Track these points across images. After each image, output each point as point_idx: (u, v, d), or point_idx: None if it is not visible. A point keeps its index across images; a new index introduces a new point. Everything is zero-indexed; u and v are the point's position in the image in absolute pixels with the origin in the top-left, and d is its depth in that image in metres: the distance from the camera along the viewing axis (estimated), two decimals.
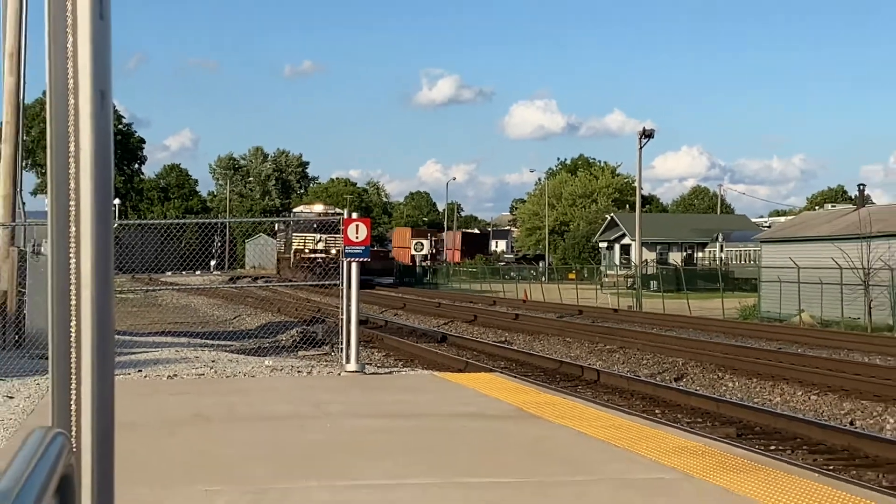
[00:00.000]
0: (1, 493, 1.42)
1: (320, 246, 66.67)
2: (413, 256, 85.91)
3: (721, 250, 77.06)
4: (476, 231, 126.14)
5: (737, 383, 18.19)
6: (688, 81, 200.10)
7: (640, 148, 55.34)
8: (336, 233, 49.41)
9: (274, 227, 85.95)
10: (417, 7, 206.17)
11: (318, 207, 79.07)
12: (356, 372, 14.47)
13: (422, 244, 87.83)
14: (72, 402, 2.13)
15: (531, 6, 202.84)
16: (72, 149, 2.14)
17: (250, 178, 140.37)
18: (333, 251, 58.15)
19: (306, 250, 69.77)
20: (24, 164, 20.93)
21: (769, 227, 69.26)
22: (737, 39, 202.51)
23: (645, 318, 37.07)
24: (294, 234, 71.52)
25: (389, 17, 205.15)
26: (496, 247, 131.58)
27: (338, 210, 67.93)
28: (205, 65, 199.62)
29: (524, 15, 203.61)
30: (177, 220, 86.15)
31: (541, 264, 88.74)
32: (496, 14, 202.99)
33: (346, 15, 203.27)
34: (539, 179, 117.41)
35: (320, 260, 64.47)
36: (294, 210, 72.26)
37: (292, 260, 71.57)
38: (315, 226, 64.91)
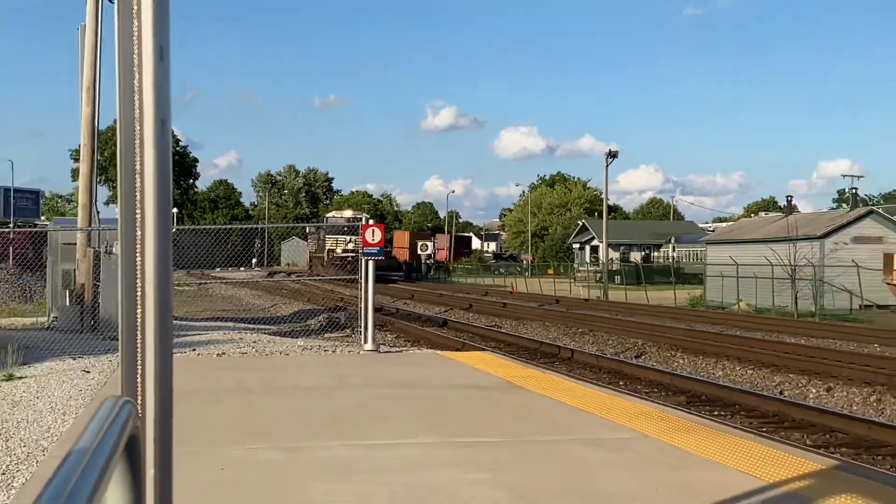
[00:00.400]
0: (79, 451, 1.43)
1: (350, 246, 58.61)
2: (420, 255, 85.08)
3: (673, 250, 76.98)
4: (465, 234, 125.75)
5: (686, 360, 18.21)
6: (647, 110, 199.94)
7: (607, 166, 55.57)
8: None
9: (305, 230, 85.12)
10: (422, 49, 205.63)
11: (349, 213, 74.96)
12: (372, 350, 14.46)
13: (427, 245, 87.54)
14: (138, 376, 2.13)
15: (517, 49, 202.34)
16: (138, 167, 2.14)
17: (285, 191, 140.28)
18: None
19: (338, 250, 63.79)
20: (98, 179, 20.89)
21: (713, 231, 69.19)
22: (688, 76, 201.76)
23: (610, 306, 37.06)
24: (327, 236, 65.64)
25: (400, 58, 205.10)
26: (487, 248, 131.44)
27: (365, 215, 61.89)
28: (248, 98, 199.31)
29: (512, 55, 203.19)
30: (224, 226, 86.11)
31: (524, 262, 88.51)
32: (488, 55, 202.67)
33: (364, 57, 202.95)
34: (523, 192, 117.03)
35: (350, 258, 55.50)
36: (327, 216, 68.80)
37: (325, 258, 65.30)
38: (345, 229, 60.91)
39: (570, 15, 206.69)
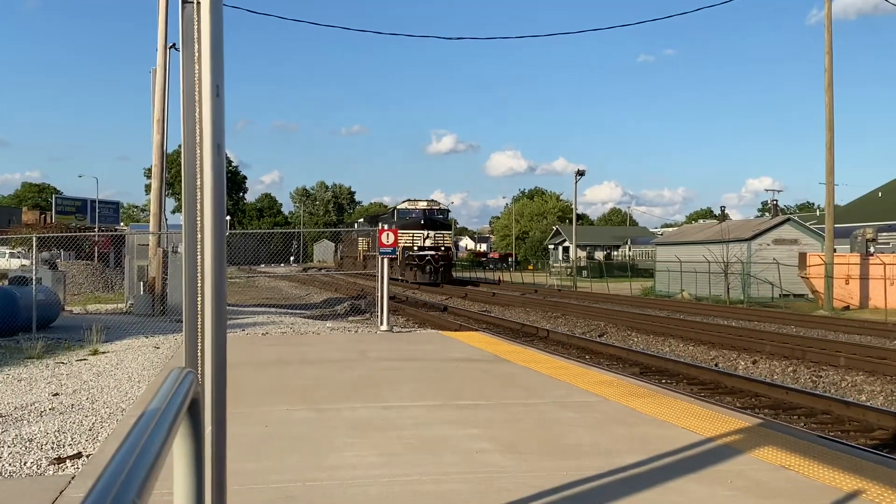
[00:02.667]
0: (151, 411, 1.43)
1: (428, 243, 46.33)
2: None
3: (629, 250, 77.11)
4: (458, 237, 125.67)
5: (640, 338, 18.21)
6: (609, 137, 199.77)
7: (576, 182, 55.76)
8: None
9: (335, 234, 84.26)
10: (429, 88, 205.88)
11: (423, 204, 51.58)
12: (387, 331, 14.48)
13: None
14: (198, 351, 2.14)
15: (506, 87, 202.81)
16: (198, 183, 2.15)
17: (316, 202, 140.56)
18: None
19: (414, 247, 47.75)
20: (166, 193, 20.95)
21: (661, 234, 69.20)
22: (642, 109, 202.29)
23: (578, 295, 37.09)
24: (360, 238, 52.60)
25: (410, 95, 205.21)
26: (479, 248, 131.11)
27: (442, 205, 51.78)
28: (288, 127, 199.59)
29: (501, 93, 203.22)
30: (268, 231, 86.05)
31: (510, 260, 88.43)
32: (482, 92, 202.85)
33: (382, 94, 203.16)
34: (508, 203, 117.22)
35: (429, 257, 47.36)
36: (397, 207, 49.12)
37: (359, 257, 52.99)
38: (422, 222, 46.96)
39: (549, 60, 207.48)
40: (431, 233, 44.94)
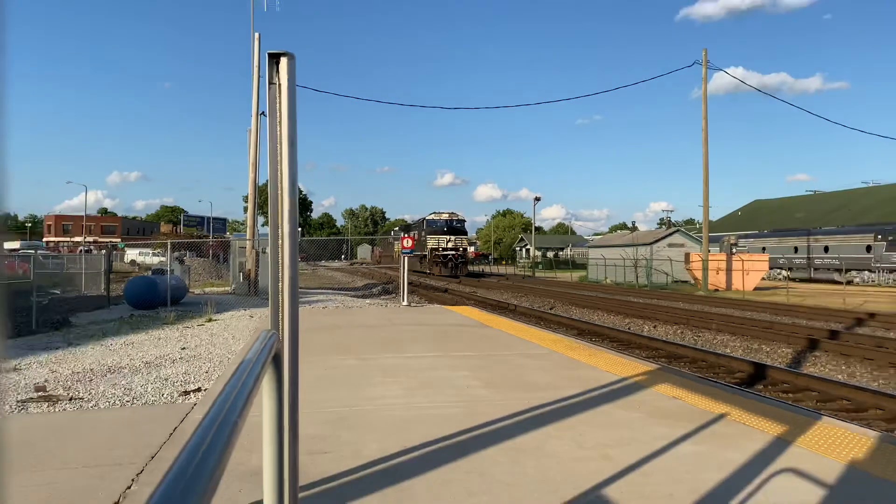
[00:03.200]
0: (247, 360, 1.43)
1: (451, 245, 39.48)
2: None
3: (570, 251, 76.86)
4: None
5: (577, 311, 18.19)
6: (558, 174, 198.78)
7: (535, 205, 55.84)
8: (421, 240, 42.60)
9: (372, 240, 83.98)
10: (436, 141, 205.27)
11: (445, 215, 42.41)
12: (407, 305, 14.48)
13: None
14: (279, 319, 2.14)
15: (488, 135, 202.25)
16: (279, 206, 2.15)
17: (359, 219, 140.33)
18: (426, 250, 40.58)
19: (439, 248, 39.99)
20: (257, 212, 20.95)
21: (592, 240, 69.13)
22: (580, 156, 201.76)
23: (537, 282, 36.97)
24: (428, 236, 40.43)
25: (423, 146, 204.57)
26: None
27: (460, 215, 44.03)
28: (339, 168, 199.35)
29: (485, 140, 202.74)
30: (326, 238, 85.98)
31: (490, 258, 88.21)
32: (472, 141, 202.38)
33: (404, 145, 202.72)
34: (488, 219, 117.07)
35: (451, 255, 41.56)
36: (426, 217, 41.76)
37: (396, 256, 42.11)
38: (445, 229, 40.38)
39: (518, 121, 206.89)
40: (452, 237, 40.28)
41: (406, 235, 16.17)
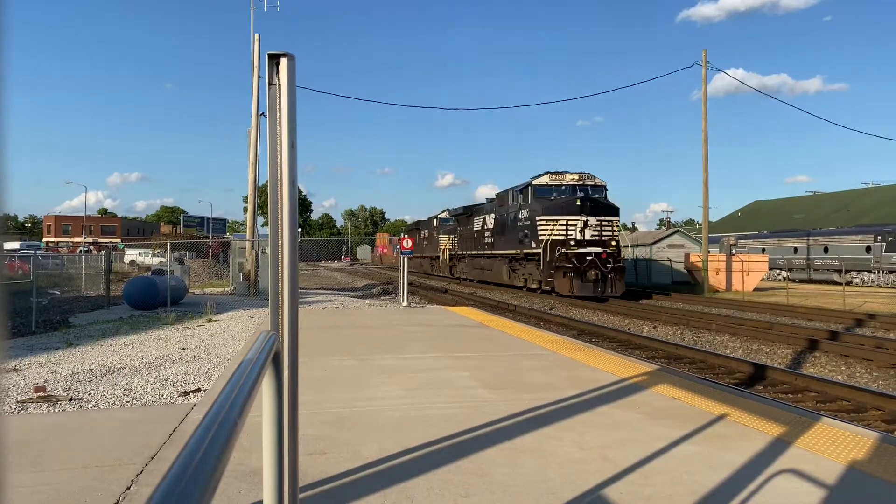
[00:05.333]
0: (247, 360, 1.43)
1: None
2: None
3: None
4: None
5: (577, 311, 18.17)
6: None
7: None
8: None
9: (371, 240, 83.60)
10: (436, 143, 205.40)
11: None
12: (407, 306, 14.49)
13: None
14: (279, 319, 2.14)
15: (487, 139, 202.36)
16: (279, 206, 2.15)
17: (359, 219, 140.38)
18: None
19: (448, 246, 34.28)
20: (257, 212, 20.97)
21: None
22: (585, 157, 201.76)
23: None
24: (440, 236, 35.63)
25: (423, 147, 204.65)
26: None
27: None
28: (340, 170, 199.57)
29: (484, 143, 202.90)
30: (326, 239, 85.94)
31: None
32: (472, 143, 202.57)
33: (404, 147, 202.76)
34: None
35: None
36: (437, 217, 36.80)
37: (443, 255, 36.47)
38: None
39: (517, 122, 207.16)
40: (593, 219, 20.07)
41: (404, 237, 16.16)
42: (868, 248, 31.78)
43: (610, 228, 20.24)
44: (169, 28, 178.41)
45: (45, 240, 79.70)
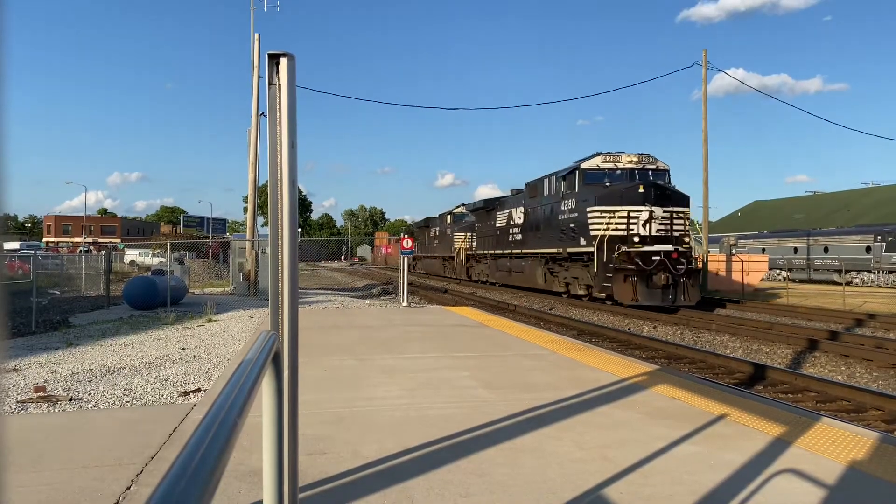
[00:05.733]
0: (247, 360, 1.43)
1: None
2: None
3: None
4: None
5: (577, 311, 18.14)
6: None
7: None
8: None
9: (371, 240, 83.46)
10: (437, 142, 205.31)
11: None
12: (406, 306, 14.49)
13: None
14: (279, 319, 2.14)
15: (487, 139, 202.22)
16: (279, 206, 2.15)
17: (359, 219, 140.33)
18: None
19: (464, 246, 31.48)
20: (257, 212, 20.98)
21: None
22: (577, 157, 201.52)
23: None
24: (455, 234, 31.97)
25: (423, 146, 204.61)
26: None
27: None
28: (339, 169, 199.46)
29: (484, 143, 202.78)
30: (326, 239, 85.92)
31: None
32: (472, 142, 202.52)
33: (405, 145, 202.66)
34: None
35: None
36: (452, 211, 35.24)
37: (459, 256, 34.10)
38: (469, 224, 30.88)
39: (516, 122, 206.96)
40: (660, 211, 15.85)
41: (404, 237, 16.17)
42: (868, 248, 31.77)
43: (681, 222, 15.95)
44: (169, 27, 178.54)
45: (45, 240, 79.70)
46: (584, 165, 17.26)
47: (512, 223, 22.93)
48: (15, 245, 47.26)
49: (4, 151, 0.66)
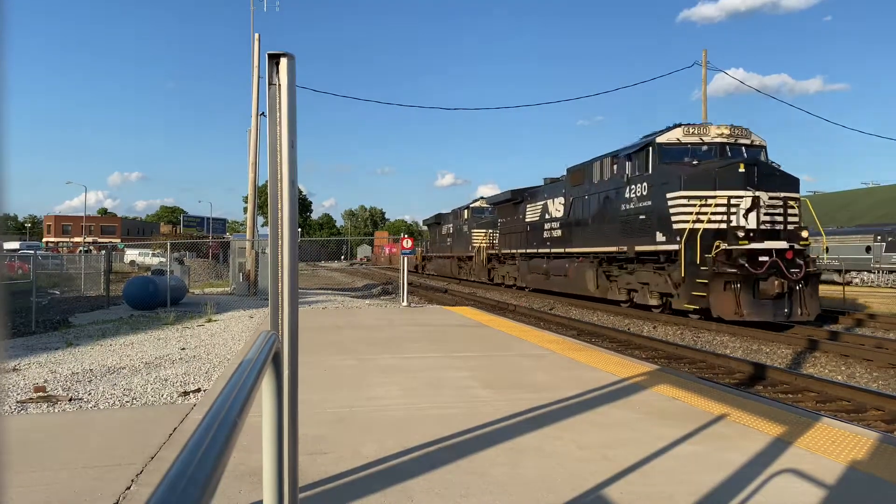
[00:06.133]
0: (247, 360, 1.43)
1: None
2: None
3: None
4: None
5: (577, 311, 18.12)
6: (556, 173, 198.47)
7: None
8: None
9: (371, 240, 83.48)
10: (437, 141, 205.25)
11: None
12: (407, 306, 14.49)
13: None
14: (279, 319, 2.14)
15: (487, 139, 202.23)
16: (279, 206, 2.15)
17: (358, 219, 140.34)
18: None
19: (483, 244, 27.76)
20: (257, 212, 20.96)
21: None
22: (578, 156, 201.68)
23: None
24: (473, 231, 28.03)
25: (424, 146, 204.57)
26: None
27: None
28: (340, 168, 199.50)
29: (484, 142, 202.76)
30: (326, 239, 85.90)
31: None
32: (472, 142, 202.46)
33: (405, 145, 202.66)
34: None
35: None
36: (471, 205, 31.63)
37: (480, 256, 29.81)
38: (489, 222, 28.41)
39: (518, 122, 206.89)
40: (765, 196, 11.32)
41: (404, 237, 16.16)
42: (868, 248, 31.77)
43: (794, 211, 12.10)
44: (170, 27, 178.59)
45: (45, 240, 79.71)
46: (660, 140, 12.91)
47: (548, 217, 19.14)
48: (15, 245, 47.26)
49: (4, 151, 0.66)
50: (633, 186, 13.92)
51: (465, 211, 29.22)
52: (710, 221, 11.59)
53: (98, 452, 3.60)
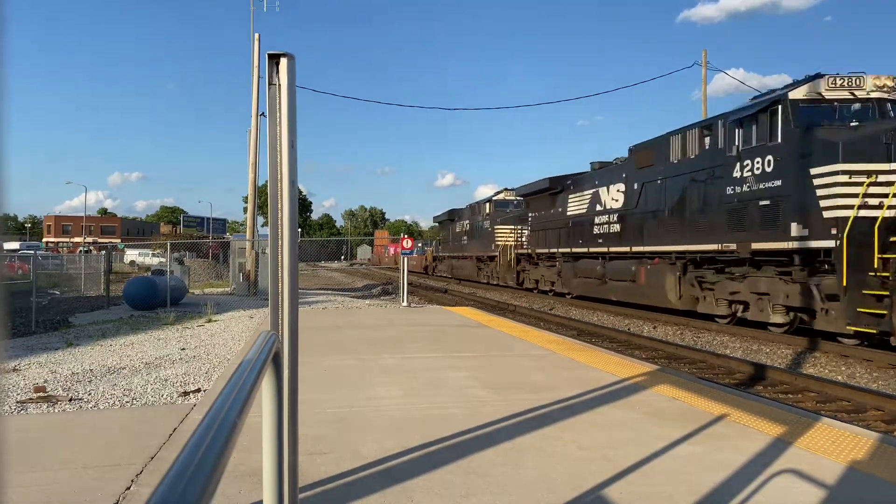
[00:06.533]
0: (247, 360, 1.43)
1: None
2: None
3: None
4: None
5: (577, 311, 18.12)
6: (556, 173, 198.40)
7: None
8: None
9: (371, 240, 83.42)
10: (437, 142, 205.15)
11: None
12: (407, 306, 14.49)
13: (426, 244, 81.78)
14: (279, 319, 2.14)
15: (487, 139, 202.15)
16: (279, 206, 2.15)
17: (358, 219, 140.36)
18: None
19: (510, 242, 23.01)
20: (257, 212, 20.97)
21: None
22: (578, 155, 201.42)
23: None
24: (496, 228, 24.11)
25: (424, 147, 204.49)
26: None
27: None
28: (340, 169, 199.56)
29: (484, 143, 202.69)
30: (326, 239, 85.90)
31: None
32: (472, 143, 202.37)
33: (405, 146, 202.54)
34: None
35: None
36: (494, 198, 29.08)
37: (507, 256, 25.57)
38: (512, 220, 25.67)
39: (517, 123, 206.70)
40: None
41: (405, 237, 16.17)
42: None
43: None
44: (170, 27, 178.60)
45: (45, 240, 79.71)
46: (793, 95, 9.45)
47: (600, 209, 15.63)
48: (15, 245, 47.26)
49: (4, 151, 0.66)
50: (746, 162, 10.17)
51: (487, 204, 25.44)
52: (889, 207, 7.99)
53: (98, 452, 3.60)
